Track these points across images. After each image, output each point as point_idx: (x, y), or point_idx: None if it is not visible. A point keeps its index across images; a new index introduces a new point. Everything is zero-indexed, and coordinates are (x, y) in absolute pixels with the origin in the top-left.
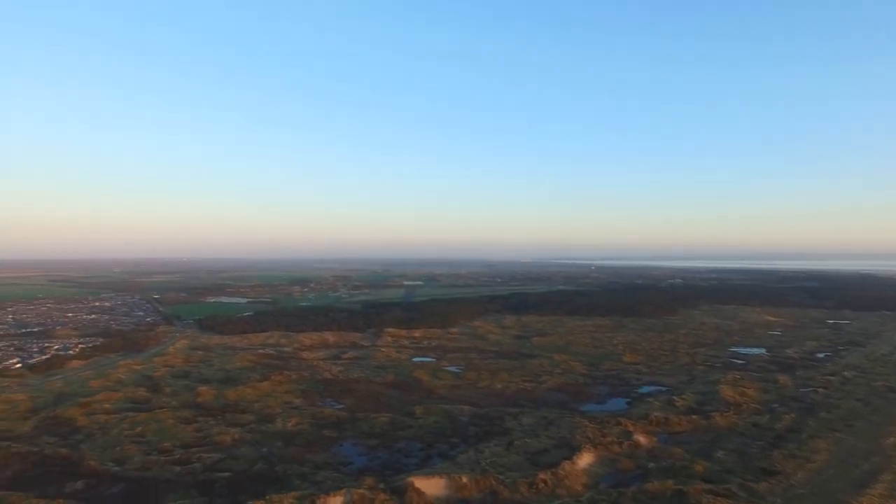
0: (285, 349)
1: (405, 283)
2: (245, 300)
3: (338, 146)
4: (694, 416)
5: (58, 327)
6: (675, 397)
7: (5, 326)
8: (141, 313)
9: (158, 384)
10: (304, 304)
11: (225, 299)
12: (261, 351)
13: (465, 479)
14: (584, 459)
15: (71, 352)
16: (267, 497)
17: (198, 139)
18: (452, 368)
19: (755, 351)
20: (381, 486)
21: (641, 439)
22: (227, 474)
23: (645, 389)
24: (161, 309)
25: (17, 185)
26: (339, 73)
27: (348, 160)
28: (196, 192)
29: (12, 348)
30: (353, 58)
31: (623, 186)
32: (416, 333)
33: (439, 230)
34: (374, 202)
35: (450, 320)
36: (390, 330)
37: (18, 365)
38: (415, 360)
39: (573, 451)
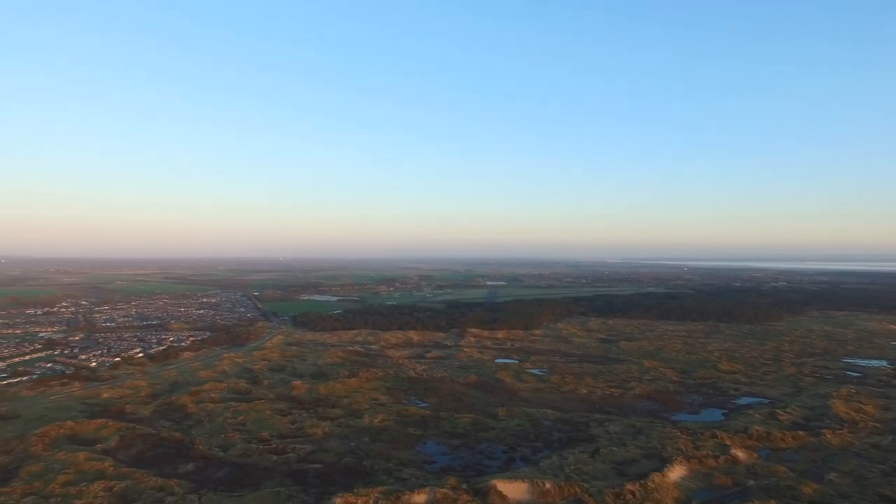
0: (372, 347)
1: (488, 283)
2: (335, 298)
3: (446, 147)
4: (800, 433)
5: (172, 321)
6: (778, 411)
7: (130, 319)
8: (242, 309)
9: (257, 377)
10: (389, 302)
11: (317, 297)
12: (349, 348)
13: (548, 486)
14: (676, 472)
15: (183, 344)
16: (355, 490)
17: (300, 139)
18: (536, 371)
19: (875, 363)
20: (464, 486)
21: (740, 454)
22: (318, 465)
23: (744, 401)
24: (260, 305)
25: (147, 196)
26: (453, 77)
27: (447, 161)
28: (290, 194)
29: (136, 339)
30: (466, 60)
31: (722, 183)
32: (499, 334)
33: (523, 230)
34: (468, 202)
35: (533, 322)
36: (473, 330)
37: (140, 354)
38: (497, 361)
39: (664, 462)
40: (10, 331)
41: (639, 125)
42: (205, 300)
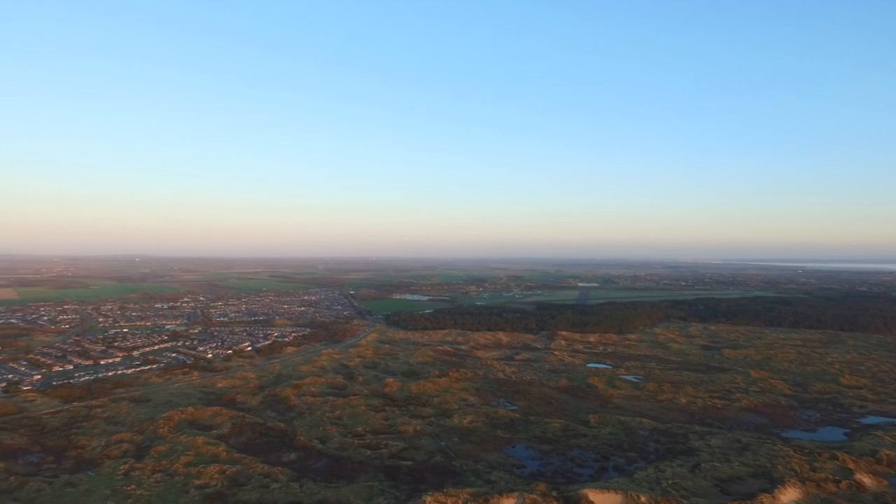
0: (461, 347)
1: (579, 284)
2: (426, 298)
3: (528, 145)
4: None
5: (276, 317)
6: None
7: (240, 315)
8: (339, 307)
9: (353, 373)
10: (479, 302)
11: (409, 296)
12: (440, 347)
13: (643, 499)
14: (789, 495)
15: (286, 339)
16: (445, 490)
17: (391, 142)
18: (630, 377)
19: None
20: (554, 493)
21: (866, 480)
22: (409, 463)
23: (871, 420)
24: (355, 304)
25: (256, 200)
26: (528, 75)
27: (535, 159)
28: (384, 195)
29: (245, 333)
30: (538, 58)
31: (849, 175)
32: (591, 338)
33: (615, 229)
34: (557, 201)
35: (628, 325)
36: (564, 333)
37: (249, 348)
38: (589, 365)
39: (774, 483)
40: (142, 323)
41: (742, 122)
42: (305, 298)
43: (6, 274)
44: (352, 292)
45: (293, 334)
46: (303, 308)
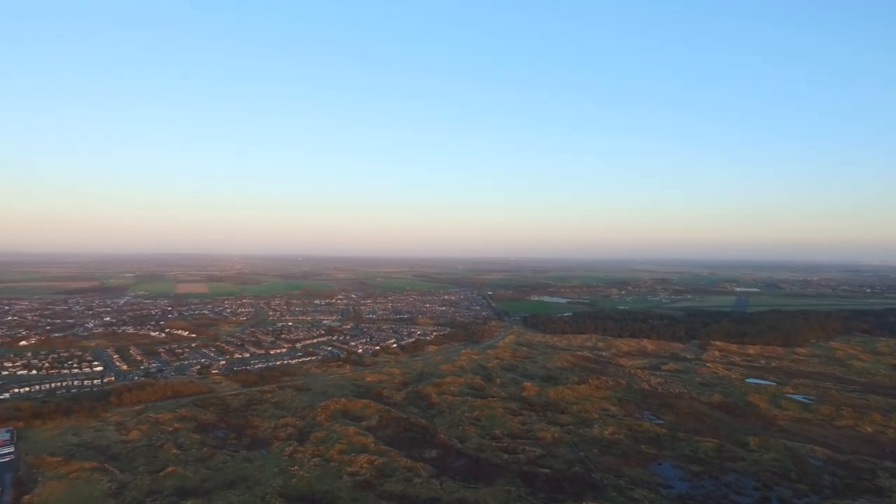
0: (602, 353)
1: (736, 289)
2: (565, 300)
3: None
4: None
5: (419, 316)
6: None
7: (387, 313)
8: (478, 307)
9: (491, 374)
10: (621, 307)
11: (547, 298)
12: (579, 353)
13: None
14: None
15: (428, 338)
16: (584, 502)
17: (513, 141)
18: (799, 397)
19: None
20: None
21: None
22: (546, 470)
23: None
24: (493, 304)
25: (403, 200)
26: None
27: (682, 158)
28: (520, 196)
29: (391, 331)
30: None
31: None
32: (751, 350)
33: (781, 229)
34: (710, 197)
35: (796, 337)
36: (718, 343)
37: (395, 345)
38: (748, 381)
39: None
40: (303, 317)
41: None
42: (446, 297)
43: (200, 271)
44: (490, 293)
45: (434, 333)
46: (443, 307)
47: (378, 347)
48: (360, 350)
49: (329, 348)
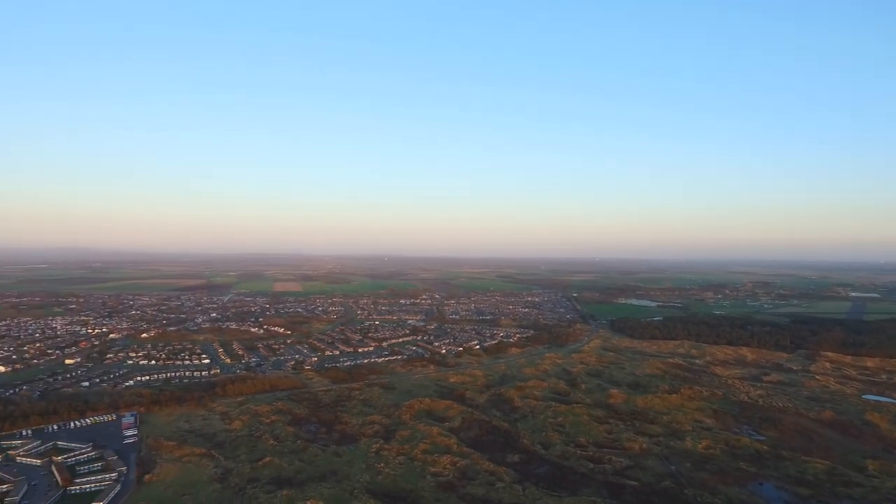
0: (696, 361)
1: (851, 294)
2: (654, 304)
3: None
4: None
5: (502, 317)
6: None
7: (469, 313)
8: (562, 310)
9: (575, 380)
10: (717, 311)
11: (635, 301)
12: (670, 360)
13: None
14: None
15: (511, 340)
16: None
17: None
18: None
19: None
20: None
21: None
22: (634, 483)
23: None
24: (578, 307)
25: (485, 202)
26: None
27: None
28: (608, 196)
29: (474, 332)
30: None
31: None
32: (869, 363)
33: None
34: (828, 191)
35: None
36: (829, 354)
37: (477, 346)
38: (866, 397)
39: None
40: (389, 317)
41: None
42: (529, 299)
43: (295, 270)
44: (574, 295)
45: (517, 335)
46: (526, 309)
47: (461, 348)
48: (444, 350)
49: (413, 348)
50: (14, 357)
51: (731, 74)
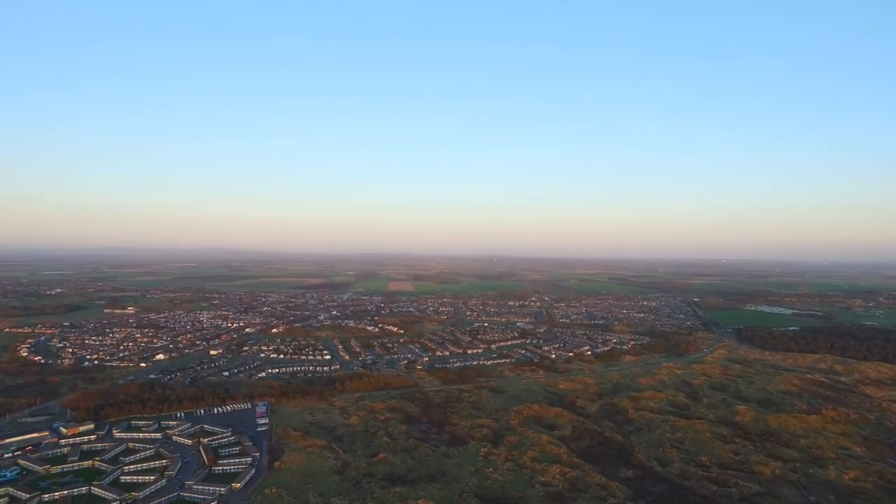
0: (841, 378)
1: None
2: (789, 311)
3: None
4: None
5: (615, 322)
6: None
7: (580, 317)
8: (681, 316)
9: (696, 393)
10: (867, 322)
11: (766, 308)
12: (808, 375)
13: None
14: None
15: (624, 347)
16: None
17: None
18: None
19: None
20: None
21: None
22: None
23: None
24: (700, 313)
25: (607, 202)
26: None
27: None
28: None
29: (585, 337)
30: None
31: None
32: None
33: None
34: None
35: None
36: None
37: (588, 352)
38: None
39: None
40: (498, 318)
41: None
42: (644, 303)
43: (407, 269)
44: (696, 299)
45: (631, 342)
46: (642, 314)
47: (571, 354)
48: (554, 355)
49: (522, 351)
50: (171, 346)
51: None
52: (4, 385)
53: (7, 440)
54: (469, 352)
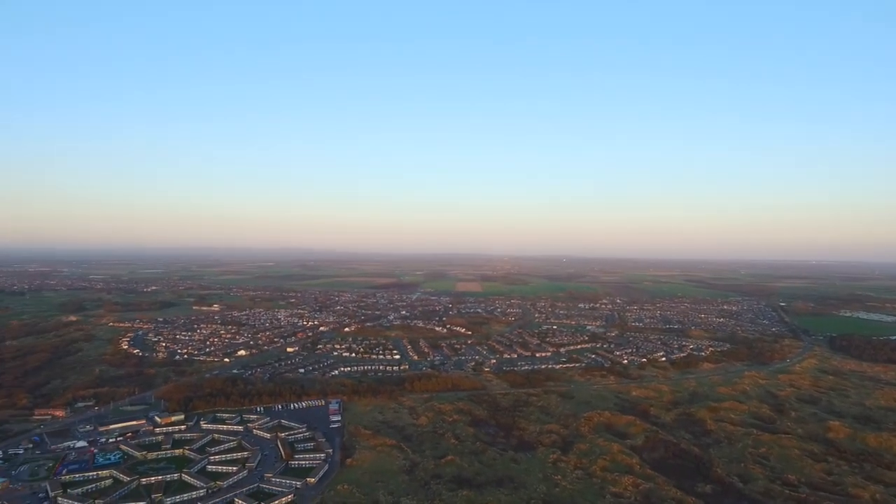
0: None
1: None
2: (891, 318)
3: None
4: None
5: (692, 327)
6: None
7: (654, 321)
8: (766, 321)
9: (783, 405)
10: None
11: (863, 315)
12: None
13: None
14: None
15: (702, 353)
16: None
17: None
18: None
19: None
20: None
21: None
22: None
23: None
24: (786, 319)
25: (682, 202)
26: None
27: None
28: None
29: (659, 342)
30: None
31: None
32: None
33: None
34: None
35: None
36: None
37: (663, 358)
38: None
39: None
40: (567, 321)
41: None
42: (725, 307)
43: (475, 270)
44: (782, 304)
45: (710, 348)
46: (721, 319)
47: (644, 359)
48: (626, 361)
49: (593, 356)
50: (251, 343)
51: None
52: (109, 375)
53: (111, 426)
54: (537, 355)
